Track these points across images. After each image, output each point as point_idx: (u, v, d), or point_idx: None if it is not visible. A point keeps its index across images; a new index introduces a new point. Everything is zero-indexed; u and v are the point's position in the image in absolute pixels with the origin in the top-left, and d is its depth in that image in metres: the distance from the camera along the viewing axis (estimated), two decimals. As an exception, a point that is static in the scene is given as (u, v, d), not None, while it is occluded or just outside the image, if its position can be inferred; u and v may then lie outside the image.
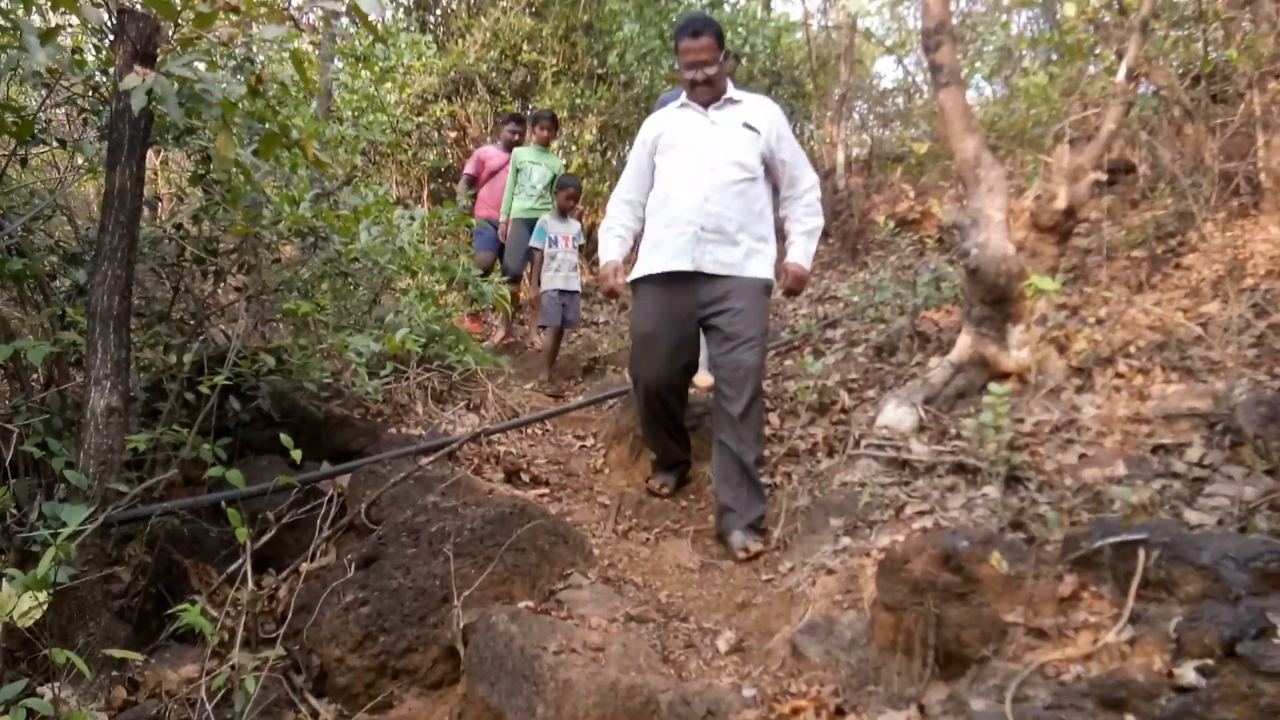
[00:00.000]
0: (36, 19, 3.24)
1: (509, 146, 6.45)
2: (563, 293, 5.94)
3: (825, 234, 8.18)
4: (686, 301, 3.42)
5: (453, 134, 9.10)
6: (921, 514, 3.00)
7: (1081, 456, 3.14)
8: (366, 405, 4.04)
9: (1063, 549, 2.07)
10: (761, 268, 3.46)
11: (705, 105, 3.47)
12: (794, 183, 3.54)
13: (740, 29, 6.98)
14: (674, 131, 3.49)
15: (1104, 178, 3.66)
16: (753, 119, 3.43)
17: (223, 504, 2.74)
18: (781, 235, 3.67)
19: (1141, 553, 1.88)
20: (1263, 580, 1.68)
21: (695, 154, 3.40)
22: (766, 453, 3.94)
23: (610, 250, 3.57)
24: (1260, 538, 1.92)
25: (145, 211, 3.83)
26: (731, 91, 3.51)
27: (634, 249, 3.72)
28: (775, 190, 3.65)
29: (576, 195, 6.09)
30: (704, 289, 3.39)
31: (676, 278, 3.39)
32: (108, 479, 2.56)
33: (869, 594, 2.46)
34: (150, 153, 4.31)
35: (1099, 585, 1.93)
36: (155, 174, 7.95)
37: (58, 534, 2.29)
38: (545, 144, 6.35)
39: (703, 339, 3.79)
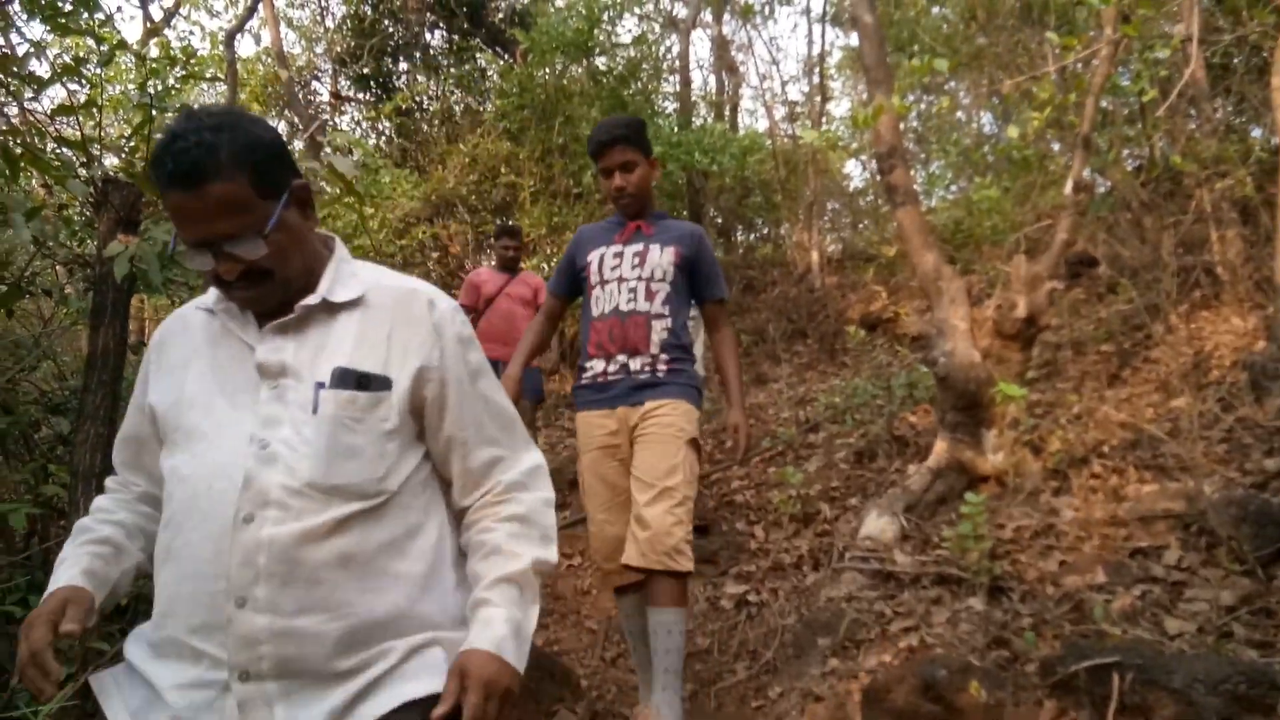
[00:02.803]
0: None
1: (505, 265, 5.39)
2: None
3: (804, 335, 8.38)
4: None
5: (435, 254, 9.32)
6: (907, 630, 3.00)
7: (1062, 563, 3.17)
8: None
9: (1041, 672, 2.08)
10: (423, 671, 1.25)
11: (260, 322, 1.34)
12: (478, 481, 1.39)
13: (708, 148, 7.26)
14: (197, 386, 1.33)
15: (1061, 286, 3.79)
16: (360, 352, 1.31)
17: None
18: None
19: (1116, 676, 1.89)
20: (1233, 703, 1.70)
21: (223, 464, 1.24)
22: (752, 567, 3.95)
23: (59, 572, 1.33)
24: (1230, 659, 1.94)
25: (129, 356, 3.91)
26: (334, 281, 1.35)
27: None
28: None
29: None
30: None
31: None
32: (89, 638, 2.54)
33: (856, 723, 2.44)
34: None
35: (1077, 710, 1.94)
36: (143, 303, 8.10)
37: (37, 701, 2.27)
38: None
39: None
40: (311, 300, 1.31)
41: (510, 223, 6.15)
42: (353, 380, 1.27)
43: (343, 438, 1.25)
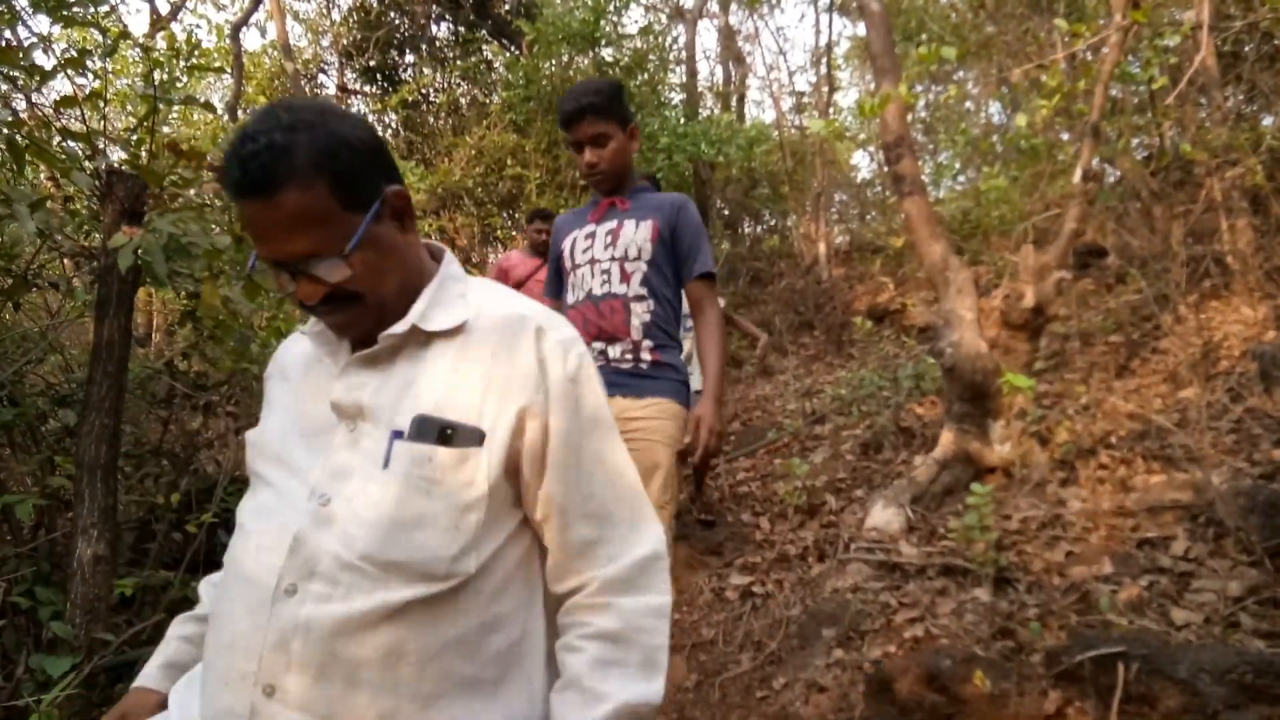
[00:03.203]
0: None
1: (537, 249, 4.96)
2: None
3: (810, 327, 8.37)
4: None
5: (442, 246, 9.34)
6: (913, 621, 3.00)
7: (1069, 554, 3.15)
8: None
9: (1046, 662, 2.07)
10: None
11: (355, 349, 1.12)
12: (573, 566, 1.10)
13: (714, 139, 7.24)
14: (277, 425, 1.16)
15: (1069, 276, 3.76)
16: (449, 396, 1.06)
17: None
18: None
19: (1121, 666, 1.88)
20: (1239, 693, 1.69)
21: (277, 520, 1.05)
22: (758, 559, 3.94)
23: (153, 657, 1.23)
24: (1236, 649, 1.93)
25: (135, 349, 3.92)
26: (430, 304, 1.11)
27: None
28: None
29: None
30: None
31: None
32: (94, 628, 2.56)
33: (860, 713, 2.44)
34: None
35: (1083, 700, 1.93)
36: (150, 296, 8.12)
37: (44, 688, 2.29)
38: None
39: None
40: (398, 329, 1.07)
41: (542, 207, 5.68)
42: (434, 432, 1.02)
43: (413, 502, 1.00)
